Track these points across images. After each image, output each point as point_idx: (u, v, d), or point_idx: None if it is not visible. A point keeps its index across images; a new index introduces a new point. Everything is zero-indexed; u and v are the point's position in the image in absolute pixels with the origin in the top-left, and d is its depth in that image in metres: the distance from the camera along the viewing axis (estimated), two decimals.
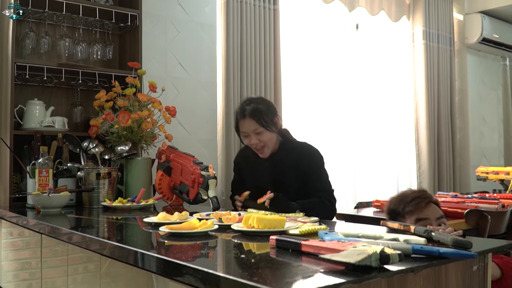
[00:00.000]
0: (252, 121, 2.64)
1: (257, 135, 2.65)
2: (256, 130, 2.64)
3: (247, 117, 2.65)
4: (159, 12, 3.65)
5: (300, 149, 2.74)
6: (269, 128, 2.65)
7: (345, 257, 1.12)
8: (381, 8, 5.06)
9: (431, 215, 2.22)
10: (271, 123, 2.67)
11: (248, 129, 2.66)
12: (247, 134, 2.68)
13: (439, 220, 2.22)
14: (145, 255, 1.39)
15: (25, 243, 2.79)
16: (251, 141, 2.67)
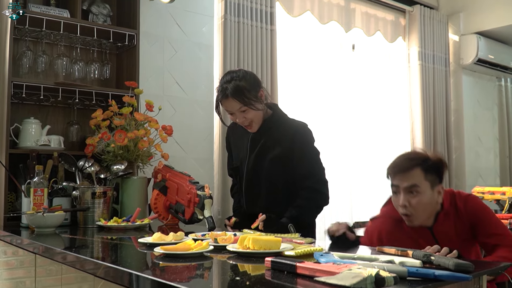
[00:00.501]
0: (235, 101, 2.52)
1: (242, 113, 2.55)
2: (241, 109, 2.54)
3: (229, 97, 2.53)
4: (157, 32, 3.67)
5: (289, 126, 2.64)
6: (253, 106, 2.54)
7: (340, 280, 1.12)
8: (377, 29, 5.10)
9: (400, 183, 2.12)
10: (255, 99, 2.55)
11: (232, 109, 2.56)
12: (232, 113, 2.59)
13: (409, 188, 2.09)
14: (139, 276, 1.39)
15: (19, 262, 2.77)
16: (237, 119, 2.59)
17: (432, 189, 2.10)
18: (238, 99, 2.51)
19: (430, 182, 2.10)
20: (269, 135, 2.63)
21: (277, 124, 2.65)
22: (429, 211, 2.12)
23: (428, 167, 2.11)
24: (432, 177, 2.11)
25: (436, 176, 2.12)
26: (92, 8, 3.26)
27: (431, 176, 2.10)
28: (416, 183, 2.08)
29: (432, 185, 2.10)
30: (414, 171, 2.10)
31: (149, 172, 3.05)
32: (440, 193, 2.13)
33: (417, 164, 2.11)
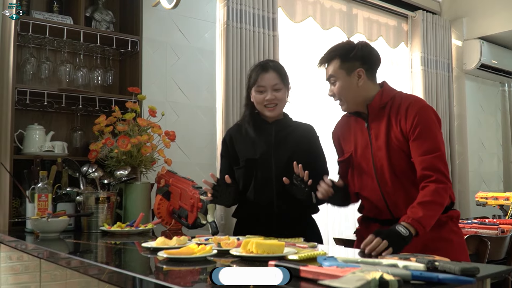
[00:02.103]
0: (275, 74, 2.55)
1: (274, 91, 2.53)
2: (276, 86, 2.53)
3: (270, 70, 2.56)
4: (160, 38, 3.68)
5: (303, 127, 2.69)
6: (287, 87, 2.59)
7: (344, 283, 1.12)
8: (379, 35, 5.12)
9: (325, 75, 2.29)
10: (289, 84, 2.63)
11: (268, 83, 2.53)
12: (264, 89, 2.53)
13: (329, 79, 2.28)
14: (143, 280, 1.39)
15: (24, 267, 2.78)
16: (267, 96, 2.53)
17: (348, 75, 2.21)
18: (278, 74, 2.57)
19: (345, 69, 2.21)
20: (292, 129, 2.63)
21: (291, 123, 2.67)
22: (352, 95, 2.24)
23: (345, 54, 2.22)
24: (349, 63, 2.21)
25: (356, 61, 2.21)
26: (95, 15, 3.28)
27: (348, 63, 2.21)
28: (331, 73, 2.25)
29: (348, 71, 2.21)
30: (332, 63, 2.26)
31: (152, 177, 3.05)
32: (361, 76, 2.21)
33: (335, 55, 2.25)
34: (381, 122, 2.20)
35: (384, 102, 2.21)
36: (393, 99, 2.22)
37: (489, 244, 3.11)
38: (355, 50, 2.22)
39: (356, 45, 2.25)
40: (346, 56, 2.22)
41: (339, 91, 2.24)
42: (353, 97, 2.24)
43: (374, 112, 2.23)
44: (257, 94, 2.56)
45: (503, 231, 3.45)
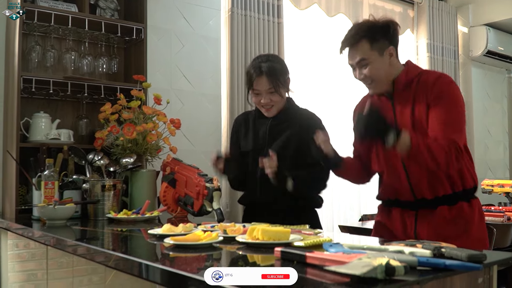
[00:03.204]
0: (267, 80, 2.54)
1: (269, 94, 2.57)
2: (270, 90, 2.56)
3: (263, 75, 2.55)
4: (164, 26, 3.67)
5: (303, 117, 2.67)
6: (282, 90, 2.59)
7: (351, 269, 1.12)
8: None
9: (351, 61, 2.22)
10: (284, 84, 2.61)
11: (262, 88, 2.56)
12: (259, 92, 2.58)
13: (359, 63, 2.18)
14: (149, 266, 1.40)
15: (30, 255, 2.80)
16: (262, 100, 2.59)
17: (381, 55, 2.14)
18: (271, 79, 2.54)
19: (377, 49, 2.13)
20: (287, 125, 2.63)
21: (292, 114, 2.66)
22: (386, 75, 2.16)
23: (373, 35, 2.13)
24: (379, 43, 2.14)
25: (385, 40, 2.15)
26: (100, 3, 3.26)
27: (378, 43, 2.13)
28: (362, 56, 2.13)
29: (380, 51, 2.14)
30: (360, 44, 2.14)
31: (157, 165, 3.06)
32: (392, 54, 2.16)
33: (362, 36, 2.13)
34: (407, 99, 2.15)
35: (410, 79, 2.16)
36: (420, 75, 2.16)
37: (495, 231, 3.11)
38: (385, 28, 2.16)
39: (382, 23, 2.18)
40: (374, 36, 2.14)
41: (374, 73, 2.14)
42: (386, 77, 2.17)
43: (399, 89, 2.17)
44: (253, 96, 2.63)
45: (509, 218, 3.45)
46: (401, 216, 2.20)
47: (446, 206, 2.10)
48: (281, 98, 2.59)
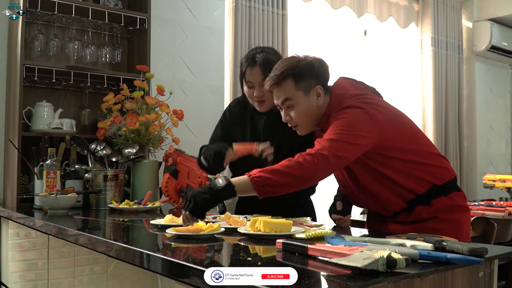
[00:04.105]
0: (261, 71, 2.38)
1: (262, 87, 2.34)
2: (262, 83, 2.34)
3: (256, 66, 2.40)
4: (168, 16, 3.66)
5: None
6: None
7: (352, 261, 1.12)
8: (390, 15, 5.06)
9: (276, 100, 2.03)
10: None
11: (255, 79, 2.41)
12: (252, 85, 2.43)
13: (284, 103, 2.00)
14: (151, 256, 1.40)
15: (31, 244, 2.80)
16: (254, 92, 2.44)
17: (307, 95, 1.98)
18: (264, 71, 2.36)
19: (303, 89, 1.97)
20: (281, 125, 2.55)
21: None
22: (312, 116, 2.02)
23: (298, 73, 1.97)
24: (306, 82, 1.98)
25: (311, 79, 1.99)
26: None
27: (304, 82, 1.97)
28: (287, 96, 1.98)
29: (306, 91, 1.98)
30: (284, 83, 1.98)
31: (160, 156, 3.06)
32: (320, 94, 1.99)
33: (287, 75, 1.97)
34: None
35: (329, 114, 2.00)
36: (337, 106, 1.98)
37: (496, 226, 3.11)
38: (309, 67, 2.00)
39: (310, 63, 2.01)
40: (301, 75, 1.97)
41: (299, 115, 2.00)
42: (313, 118, 2.03)
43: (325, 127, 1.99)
44: (246, 87, 2.50)
45: (510, 213, 3.44)
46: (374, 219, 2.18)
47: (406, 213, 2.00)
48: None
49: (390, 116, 2.03)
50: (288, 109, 2.01)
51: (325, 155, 1.78)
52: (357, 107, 1.92)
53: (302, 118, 2.01)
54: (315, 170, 1.79)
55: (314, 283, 1.12)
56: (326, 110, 2.01)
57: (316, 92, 1.99)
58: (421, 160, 2.01)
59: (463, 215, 2.09)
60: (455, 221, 2.03)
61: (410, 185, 1.97)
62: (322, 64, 2.05)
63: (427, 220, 1.98)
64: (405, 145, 2.01)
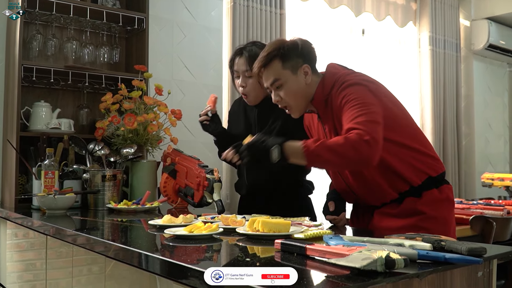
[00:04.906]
0: (245, 61, 2.49)
1: (246, 78, 2.51)
2: (246, 73, 2.50)
3: (243, 56, 2.52)
4: (166, 16, 3.66)
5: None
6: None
7: (351, 262, 1.12)
8: (388, 14, 5.07)
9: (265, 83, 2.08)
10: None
11: (239, 69, 2.53)
12: (238, 74, 2.55)
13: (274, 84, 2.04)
14: (149, 257, 1.40)
15: (29, 244, 2.80)
16: (239, 82, 2.55)
17: (294, 74, 2.03)
18: (249, 61, 2.46)
19: (290, 68, 2.02)
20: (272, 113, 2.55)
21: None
22: (301, 95, 2.05)
23: (285, 54, 2.03)
24: (292, 61, 2.03)
25: (297, 58, 2.04)
26: None
27: (291, 62, 2.03)
28: (275, 77, 2.03)
29: (294, 70, 2.03)
30: (271, 65, 2.04)
31: (158, 155, 3.05)
32: (307, 73, 2.04)
33: (274, 56, 2.03)
34: (329, 116, 2.03)
35: (326, 94, 2.03)
36: (334, 85, 2.01)
37: (494, 225, 3.11)
38: (294, 46, 2.06)
39: (293, 42, 2.08)
40: (287, 55, 2.03)
41: (288, 94, 2.03)
42: (303, 98, 2.06)
43: (321, 107, 2.05)
44: (234, 78, 2.59)
45: (508, 212, 3.44)
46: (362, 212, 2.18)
47: (395, 204, 2.01)
48: (257, 84, 2.46)
49: (390, 96, 2.05)
50: (278, 89, 2.05)
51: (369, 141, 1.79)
52: (360, 84, 1.96)
53: (291, 97, 2.04)
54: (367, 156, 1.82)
55: (313, 284, 1.12)
56: (318, 89, 2.05)
57: (304, 70, 2.04)
58: (420, 148, 2.02)
59: (450, 211, 2.10)
60: (443, 219, 2.04)
61: (408, 175, 1.98)
62: (306, 44, 2.12)
63: (415, 216, 1.97)
64: (405, 129, 2.03)
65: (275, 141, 1.90)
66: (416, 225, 1.92)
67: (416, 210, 1.98)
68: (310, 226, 1.84)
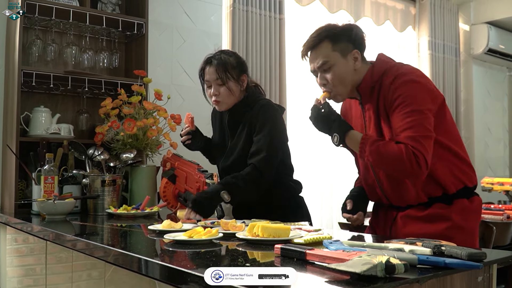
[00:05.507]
0: (215, 71, 2.49)
1: (218, 86, 2.51)
2: (217, 81, 2.50)
3: (212, 65, 2.51)
4: (165, 21, 3.67)
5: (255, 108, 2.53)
6: (230, 82, 2.49)
7: (351, 267, 1.12)
8: (387, 18, 5.07)
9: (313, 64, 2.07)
10: (234, 79, 2.51)
11: (210, 78, 2.52)
12: (209, 84, 2.54)
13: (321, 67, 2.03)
14: (149, 262, 1.40)
15: (29, 250, 2.80)
16: (212, 91, 2.53)
17: (344, 57, 2.00)
18: (219, 71, 2.48)
19: (340, 51, 1.99)
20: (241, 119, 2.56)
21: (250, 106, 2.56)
22: (348, 81, 2.01)
23: (335, 36, 2.00)
24: (342, 45, 2.00)
25: (348, 42, 2.01)
26: None
27: (340, 45, 2.00)
28: (324, 59, 1.99)
29: (343, 53, 2.00)
30: (321, 46, 2.01)
31: (158, 160, 3.05)
32: (357, 58, 2.01)
33: (324, 37, 2.01)
34: (373, 102, 2.00)
35: (376, 80, 1.99)
36: (384, 74, 1.97)
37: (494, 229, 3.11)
38: (347, 31, 2.02)
39: (344, 26, 2.04)
40: (337, 37, 2.00)
41: (336, 78, 1.99)
42: (350, 83, 2.01)
43: (366, 93, 2.02)
44: (206, 88, 2.59)
45: (508, 216, 3.44)
46: (384, 216, 2.14)
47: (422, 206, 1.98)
48: (229, 92, 2.50)
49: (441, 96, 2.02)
50: (325, 72, 2.01)
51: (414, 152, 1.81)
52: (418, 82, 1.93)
53: (337, 81, 2.00)
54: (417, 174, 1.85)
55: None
56: (366, 75, 2.01)
57: (354, 56, 2.00)
58: (462, 155, 2.00)
59: (477, 223, 2.06)
60: (470, 230, 2.00)
61: (445, 182, 1.95)
62: (360, 30, 2.06)
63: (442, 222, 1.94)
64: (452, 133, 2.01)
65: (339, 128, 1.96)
66: (443, 235, 1.85)
67: (444, 216, 1.95)
68: (310, 231, 1.84)
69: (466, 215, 1.98)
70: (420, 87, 1.92)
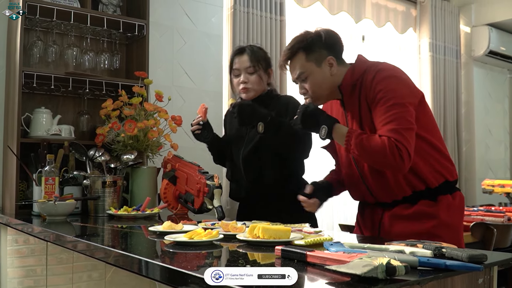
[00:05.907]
0: (248, 58, 2.60)
1: (248, 74, 2.60)
2: (248, 69, 2.59)
3: (244, 54, 2.62)
4: (166, 22, 3.67)
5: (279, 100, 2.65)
6: (261, 72, 2.60)
7: (351, 269, 1.12)
8: (388, 20, 5.08)
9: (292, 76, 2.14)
10: (265, 69, 2.63)
11: (241, 66, 2.61)
12: (238, 73, 2.62)
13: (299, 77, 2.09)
14: (149, 263, 1.39)
15: (30, 251, 2.80)
16: (240, 79, 2.61)
17: (319, 66, 2.05)
18: (251, 58, 2.59)
19: (314, 61, 2.05)
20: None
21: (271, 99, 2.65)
22: (326, 87, 2.07)
23: (307, 46, 2.06)
24: (316, 54, 2.05)
25: (321, 50, 2.06)
26: None
27: (315, 54, 2.05)
28: (300, 70, 2.07)
29: (318, 62, 2.05)
30: (296, 57, 2.08)
31: (158, 162, 3.05)
32: (332, 64, 2.05)
33: (297, 49, 2.07)
34: (354, 103, 2.03)
35: (356, 79, 2.03)
36: (365, 72, 2.01)
37: (495, 231, 3.11)
38: (317, 38, 2.06)
39: (317, 33, 2.08)
40: (310, 47, 2.05)
41: (314, 86, 2.06)
42: (329, 89, 2.07)
43: (347, 92, 2.06)
44: (233, 78, 2.67)
45: (509, 218, 3.44)
46: (371, 216, 2.15)
47: (408, 204, 2.01)
48: (259, 80, 2.61)
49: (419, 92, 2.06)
50: (303, 82, 2.08)
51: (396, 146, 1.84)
52: (398, 78, 1.98)
53: (315, 89, 2.07)
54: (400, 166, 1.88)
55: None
56: (346, 76, 2.05)
57: (329, 62, 2.06)
58: (442, 149, 2.03)
59: (461, 220, 2.11)
60: (455, 226, 2.04)
61: (427, 175, 1.98)
62: (331, 35, 2.10)
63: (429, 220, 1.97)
64: (433, 128, 2.04)
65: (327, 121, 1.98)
66: (429, 232, 1.91)
67: (431, 214, 1.98)
68: (311, 232, 1.84)
69: (451, 211, 2.02)
70: (401, 82, 1.97)
